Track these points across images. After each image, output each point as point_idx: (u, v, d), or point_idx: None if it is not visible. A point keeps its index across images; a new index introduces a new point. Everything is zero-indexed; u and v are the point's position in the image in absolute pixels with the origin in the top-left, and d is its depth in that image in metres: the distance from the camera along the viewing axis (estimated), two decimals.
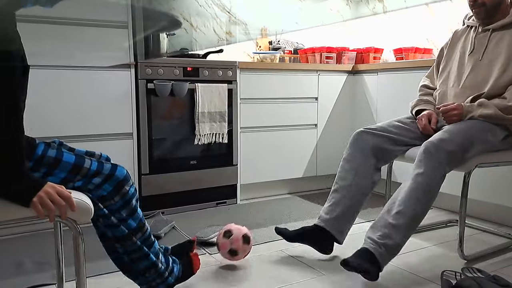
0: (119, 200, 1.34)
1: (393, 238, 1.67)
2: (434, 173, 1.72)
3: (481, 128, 1.86)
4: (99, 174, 1.29)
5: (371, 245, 1.68)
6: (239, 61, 2.87)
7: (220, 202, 2.92)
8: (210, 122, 2.75)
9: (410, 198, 1.71)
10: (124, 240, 1.37)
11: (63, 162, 1.25)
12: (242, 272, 1.85)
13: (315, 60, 3.38)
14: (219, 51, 3.13)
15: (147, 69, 2.54)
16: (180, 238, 2.24)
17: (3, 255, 2.01)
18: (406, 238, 1.71)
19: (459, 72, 2.08)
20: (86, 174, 1.27)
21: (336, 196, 1.98)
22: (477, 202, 2.59)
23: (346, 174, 1.99)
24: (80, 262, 1.19)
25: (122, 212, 1.35)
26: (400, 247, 1.70)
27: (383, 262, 1.67)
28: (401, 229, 1.69)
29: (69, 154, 1.28)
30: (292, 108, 3.12)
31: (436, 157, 1.73)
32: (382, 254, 1.66)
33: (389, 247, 1.67)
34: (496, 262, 1.95)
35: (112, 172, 1.31)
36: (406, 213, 1.70)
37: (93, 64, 2.38)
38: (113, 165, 1.34)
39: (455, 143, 1.77)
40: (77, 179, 1.26)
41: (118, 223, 1.35)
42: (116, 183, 1.32)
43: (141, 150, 2.58)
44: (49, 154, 1.24)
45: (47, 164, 1.23)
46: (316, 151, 3.27)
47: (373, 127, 2.03)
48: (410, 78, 2.83)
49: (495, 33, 2.01)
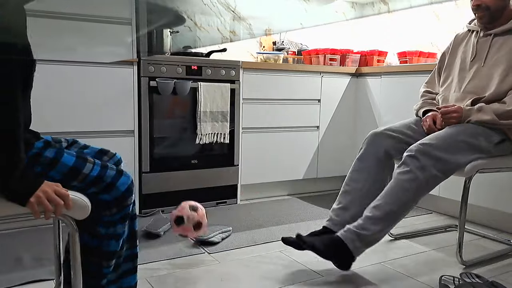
0: (115, 213, 1.25)
1: (368, 229, 1.75)
2: (417, 174, 1.76)
3: (473, 133, 1.87)
4: (99, 181, 1.20)
5: (343, 232, 1.77)
6: (242, 61, 2.87)
7: (220, 202, 2.92)
8: (212, 121, 2.75)
9: (388, 195, 1.78)
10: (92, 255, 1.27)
11: (61, 163, 1.17)
12: (241, 272, 1.85)
13: (319, 61, 3.38)
14: (223, 50, 3.13)
15: (149, 66, 2.54)
16: (179, 237, 2.24)
17: (1, 250, 2.01)
18: (383, 232, 1.77)
19: (461, 78, 2.07)
20: (84, 179, 1.18)
21: (347, 199, 1.99)
22: (477, 208, 2.58)
23: (358, 175, 2.00)
24: (76, 258, 1.19)
25: (109, 228, 1.25)
26: (375, 239, 1.77)
27: (354, 250, 1.74)
28: (376, 221, 1.76)
29: (70, 156, 1.19)
30: (294, 109, 3.12)
31: (420, 161, 1.77)
32: (353, 241, 1.74)
33: (362, 237, 1.74)
34: (495, 268, 1.95)
35: (114, 181, 1.22)
36: (382, 207, 1.77)
37: (95, 60, 2.38)
38: (118, 173, 1.24)
39: (438, 147, 1.79)
40: (73, 183, 1.18)
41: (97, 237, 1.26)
42: (116, 195, 1.23)
43: (142, 148, 2.58)
44: (47, 153, 1.16)
45: (43, 163, 1.15)
46: (317, 153, 3.27)
47: (387, 128, 2.05)
48: (414, 82, 2.82)
49: (497, 38, 2.01)
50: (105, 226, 1.25)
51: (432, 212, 2.84)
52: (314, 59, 3.43)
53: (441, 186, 2.63)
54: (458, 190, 2.53)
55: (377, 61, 3.42)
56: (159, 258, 1.96)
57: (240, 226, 2.45)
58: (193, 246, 2.12)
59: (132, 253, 1.38)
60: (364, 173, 1.99)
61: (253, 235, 2.31)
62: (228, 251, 2.08)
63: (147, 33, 2.69)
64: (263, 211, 2.77)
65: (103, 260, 1.27)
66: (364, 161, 2.01)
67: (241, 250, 2.10)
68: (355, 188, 1.98)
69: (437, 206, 2.84)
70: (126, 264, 1.38)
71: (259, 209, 2.82)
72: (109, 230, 1.26)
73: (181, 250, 2.06)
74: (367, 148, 2.02)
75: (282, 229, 2.41)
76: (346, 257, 1.76)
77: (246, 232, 2.35)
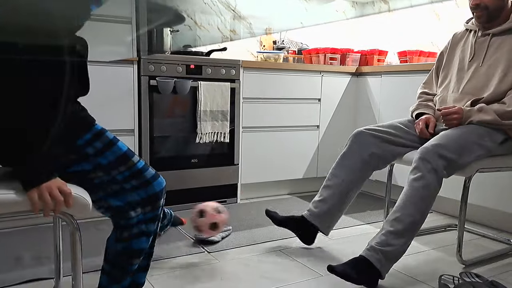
0: (149, 211, 1.32)
1: (392, 244, 1.68)
2: (430, 178, 1.73)
3: (479, 133, 1.86)
4: (140, 175, 1.29)
5: (368, 252, 1.70)
6: (242, 60, 2.87)
7: (220, 201, 2.91)
8: (212, 120, 2.75)
9: (407, 204, 1.73)
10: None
11: (116, 146, 1.29)
12: (240, 271, 1.85)
13: (319, 61, 3.38)
14: (223, 49, 3.13)
15: (150, 65, 2.54)
16: (179, 236, 2.24)
17: (1, 248, 2.02)
18: (406, 244, 1.71)
19: (459, 78, 2.07)
20: (131, 168, 1.28)
21: (327, 192, 2.05)
22: (477, 207, 2.58)
23: (340, 171, 2.04)
24: (77, 257, 1.19)
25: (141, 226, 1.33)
26: (400, 253, 1.71)
27: (381, 269, 1.67)
28: (399, 235, 1.69)
29: (123, 144, 1.32)
30: (294, 108, 3.12)
31: (432, 163, 1.74)
32: (380, 260, 1.67)
33: (387, 254, 1.68)
34: (495, 268, 1.95)
35: (151, 180, 1.31)
36: (404, 219, 1.71)
37: (95, 59, 2.37)
38: (156, 173, 1.34)
39: (451, 149, 1.77)
40: (121, 169, 1.27)
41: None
42: (151, 192, 1.31)
43: (142, 147, 2.58)
44: (107, 134, 1.30)
45: (104, 141, 1.27)
46: (317, 152, 3.27)
47: (372, 127, 2.06)
48: (414, 81, 2.82)
49: (495, 38, 2.01)
50: (137, 223, 1.31)
51: (432, 211, 2.84)
52: (314, 59, 3.43)
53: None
54: (458, 190, 2.52)
55: (377, 61, 3.42)
56: (159, 256, 1.96)
57: (240, 225, 2.45)
58: (193, 245, 2.12)
59: (150, 252, 1.45)
60: (346, 169, 2.03)
61: (252, 234, 2.31)
62: (228, 250, 2.09)
63: (147, 32, 2.68)
64: (263, 211, 2.77)
65: (133, 258, 1.33)
66: (348, 158, 2.04)
67: (241, 249, 2.10)
68: (336, 183, 2.03)
69: (437, 205, 2.84)
70: (142, 261, 1.44)
71: (259, 209, 2.82)
72: (141, 227, 1.32)
73: (181, 249, 2.06)
74: (351, 146, 2.05)
75: (282, 228, 2.41)
76: (374, 277, 1.69)
77: (246, 231, 2.35)
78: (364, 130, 2.04)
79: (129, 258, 1.33)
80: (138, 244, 1.33)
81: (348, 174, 2.02)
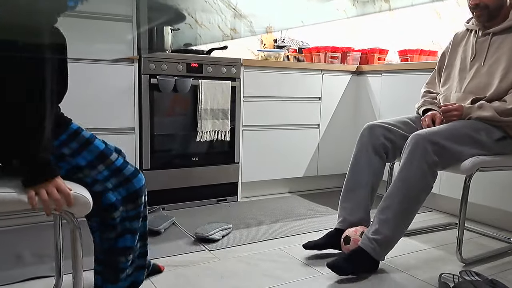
0: (131, 209, 1.33)
1: (383, 232, 1.77)
2: (419, 165, 1.75)
3: (475, 127, 1.88)
4: (120, 173, 1.29)
5: (364, 241, 1.79)
6: (243, 59, 2.87)
7: (221, 199, 2.92)
8: (213, 119, 2.75)
9: (395, 192, 1.78)
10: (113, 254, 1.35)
11: (94, 145, 1.27)
12: (241, 269, 1.86)
13: (320, 59, 3.38)
14: (223, 48, 3.13)
15: (150, 64, 2.54)
16: (180, 234, 2.24)
17: (2, 246, 2.02)
18: (398, 232, 1.78)
19: (461, 78, 2.08)
20: (110, 166, 1.27)
21: (353, 197, 2.03)
22: (477, 206, 2.58)
23: (359, 173, 2.02)
24: (77, 255, 1.19)
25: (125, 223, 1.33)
26: (393, 240, 1.79)
27: (376, 256, 1.78)
28: (389, 223, 1.76)
29: (100, 142, 1.31)
30: (295, 107, 3.12)
31: (421, 147, 1.76)
32: (374, 249, 1.77)
33: (380, 242, 1.76)
34: (495, 266, 1.95)
35: (131, 177, 1.31)
36: (392, 207, 1.77)
37: (95, 57, 2.38)
38: (136, 170, 1.33)
39: (442, 135, 1.80)
40: (100, 168, 1.26)
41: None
42: (131, 190, 1.31)
43: (142, 145, 2.58)
44: (84, 133, 1.28)
45: (80, 141, 1.26)
46: (318, 151, 3.27)
47: (383, 121, 2.06)
48: (415, 80, 2.82)
49: (496, 37, 2.01)
50: (121, 222, 1.31)
51: (432, 210, 2.85)
52: (315, 57, 3.43)
53: (441, 184, 2.63)
54: (458, 188, 2.53)
55: (378, 59, 3.42)
56: (159, 255, 1.97)
57: (241, 224, 2.45)
58: (193, 244, 2.12)
59: (144, 251, 1.48)
60: (364, 167, 2.01)
61: (253, 232, 2.31)
62: (228, 248, 2.09)
63: (147, 30, 2.69)
64: (263, 209, 2.77)
65: (121, 256, 1.34)
66: (362, 155, 2.03)
67: (241, 248, 2.10)
68: (358, 185, 2.01)
69: (437, 204, 2.84)
70: (139, 260, 1.46)
71: (260, 207, 2.83)
72: (125, 225, 1.32)
73: (181, 247, 2.07)
74: (363, 140, 2.03)
75: (282, 226, 2.41)
76: (371, 264, 1.80)
77: (247, 230, 2.35)
78: (375, 124, 2.04)
79: (116, 256, 1.34)
80: (124, 242, 1.33)
81: (368, 175, 2.00)
